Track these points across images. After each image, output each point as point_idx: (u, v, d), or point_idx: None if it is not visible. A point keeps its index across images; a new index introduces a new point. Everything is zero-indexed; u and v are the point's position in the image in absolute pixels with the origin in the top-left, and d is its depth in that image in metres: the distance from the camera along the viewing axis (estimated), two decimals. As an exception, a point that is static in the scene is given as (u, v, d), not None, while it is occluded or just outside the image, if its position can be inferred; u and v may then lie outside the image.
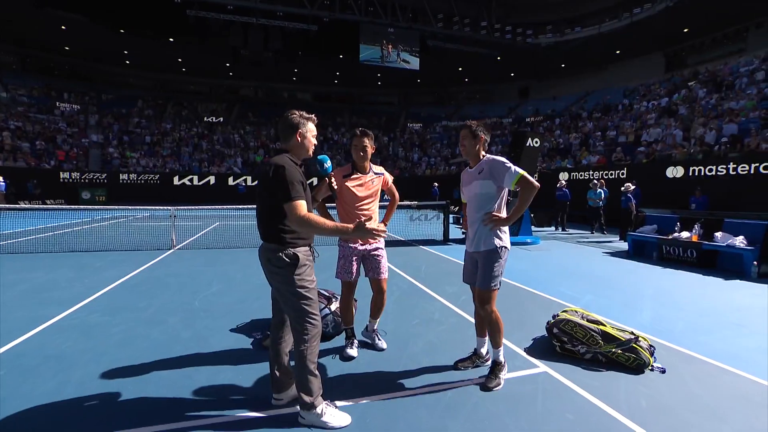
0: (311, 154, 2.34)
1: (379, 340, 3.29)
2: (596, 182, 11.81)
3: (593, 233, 11.67)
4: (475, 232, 2.73)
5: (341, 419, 2.26)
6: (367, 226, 2.14)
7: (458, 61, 31.13)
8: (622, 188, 10.37)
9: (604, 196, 11.60)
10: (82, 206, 10.48)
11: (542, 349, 3.25)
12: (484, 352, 2.96)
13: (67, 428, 2.23)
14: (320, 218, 2.09)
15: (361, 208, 3.00)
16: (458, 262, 7.11)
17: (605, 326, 3.12)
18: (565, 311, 3.45)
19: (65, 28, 25.39)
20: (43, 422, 2.28)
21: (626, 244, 8.60)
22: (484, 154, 2.76)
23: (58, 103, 28.79)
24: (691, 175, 11.80)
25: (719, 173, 11.09)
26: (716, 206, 10.28)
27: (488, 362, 2.98)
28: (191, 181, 25.75)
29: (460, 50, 28.56)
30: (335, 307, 3.60)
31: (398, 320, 3.93)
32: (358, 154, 3.00)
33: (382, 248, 3.14)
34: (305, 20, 25.75)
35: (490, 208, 2.67)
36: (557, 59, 29.20)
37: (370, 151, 3.02)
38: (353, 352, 3.13)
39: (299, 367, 2.23)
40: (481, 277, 2.67)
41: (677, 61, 25.61)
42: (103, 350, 3.21)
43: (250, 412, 2.38)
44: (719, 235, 6.48)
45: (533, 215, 11.87)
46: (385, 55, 28.34)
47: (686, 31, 23.52)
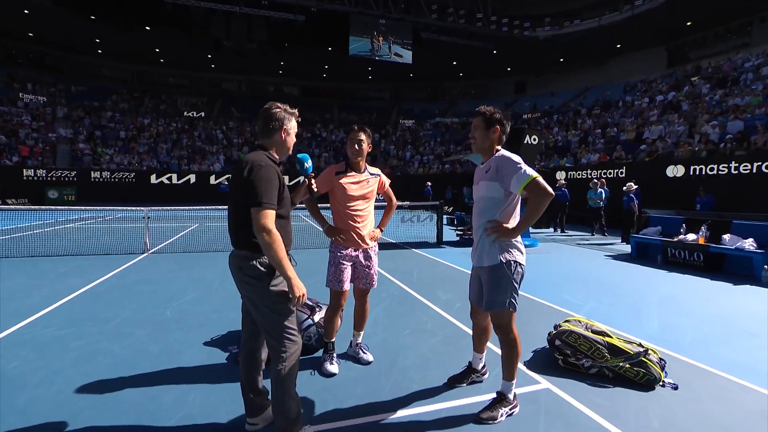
0: (290, 152, 2.25)
1: (364, 353, 3.20)
2: (596, 181, 11.83)
3: (594, 235, 11.70)
4: (477, 242, 2.49)
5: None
6: (297, 289, 1.99)
7: (453, 54, 31.20)
8: (623, 188, 10.38)
9: (604, 196, 11.62)
10: (47, 207, 10.16)
11: (543, 362, 3.16)
12: (479, 366, 2.85)
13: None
14: (281, 242, 1.96)
15: (354, 209, 2.93)
16: (452, 266, 7.04)
17: (611, 338, 3.02)
18: (567, 321, 3.36)
19: (28, 12, 24.73)
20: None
21: (629, 246, 8.63)
22: (498, 148, 2.44)
23: (21, 94, 28.07)
24: (692, 174, 11.87)
25: (721, 172, 11.16)
26: (719, 206, 10.33)
27: (485, 376, 2.87)
28: (170, 179, 25.37)
29: (454, 43, 28.62)
30: (319, 317, 3.47)
31: (388, 330, 3.84)
32: (353, 148, 2.92)
33: (374, 256, 3.06)
34: (292, 9, 25.54)
35: (493, 215, 2.39)
36: (555, 53, 29.41)
37: (366, 147, 2.93)
38: (334, 368, 3.01)
39: (276, 388, 2.11)
40: (486, 296, 2.42)
41: (680, 55, 25.90)
42: (57, 369, 3.02)
43: (220, 439, 2.22)
44: (727, 237, 6.47)
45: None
46: (375, 48, 28.25)
47: (689, 24, 23.81)
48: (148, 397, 2.63)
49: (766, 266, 5.85)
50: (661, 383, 2.81)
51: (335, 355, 3.08)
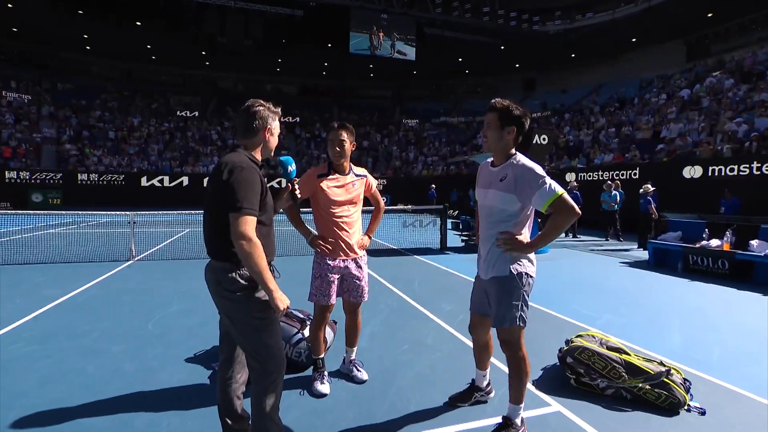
0: (272, 154, 2.17)
1: (358, 371, 3.11)
2: (610, 183, 11.75)
3: (608, 240, 11.61)
4: (487, 252, 2.35)
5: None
6: (279, 302, 1.90)
7: (458, 50, 31.17)
8: (641, 190, 10.25)
9: (619, 198, 11.52)
10: (30, 210, 10.10)
11: (554, 382, 3.05)
12: (484, 384, 2.76)
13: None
14: (261, 252, 1.87)
15: (339, 215, 2.84)
16: (457, 274, 6.96)
17: (629, 355, 2.89)
18: (580, 336, 3.25)
19: (12, 6, 24.77)
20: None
21: (646, 252, 8.52)
22: (514, 151, 2.29)
23: (4, 92, 28.15)
24: (710, 175, 11.71)
25: (742, 173, 10.98)
26: (744, 210, 10.16)
27: (490, 395, 2.78)
28: (161, 182, 25.40)
29: (460, 39, 28.59)
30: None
31: (385, 345, 3.76)
32: (334, 150, 2.83)
33: (364, 266, 2.99)
34: (289, 4, 25.61)
35: (505, 227, 2.28)
36: (566, 48, 29.30)
37: (348, 147, 2.83)
38: (324, 388, 2.91)
39: (256, 413, 2.01)
40: (494, 312, 2.31)
41: (700, 49, 25.59)
42: (20, 390, 2.90)
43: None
44: (755, 243, 6.32)
45: (540, 220, 11.75)
46: (376, 44, 28.27)
47: (710, 16, 23.52)
48: (118, 422, 2.52)
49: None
50: (686, 407, 2.69)
51: (326, 373, 2.99)
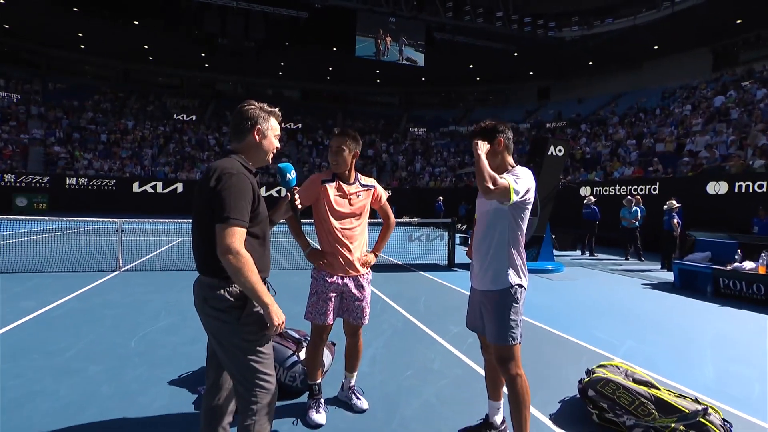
0: (270, 160, 2.08)
1: (358, 398, 3.02)
2: (630, 198, 11.65)
3: (628, 259, 11.52)
4: (481, 262, 2.44)
5: None
6: (276, 316, 1.85)
7: (469, 57, 31.41)
8: (664, 206, 10.13)
9: (640, 214, 11.41)
10: (12, 216, 10.10)
11: (574, 416, 2.92)
12: (498, 420, 2.64)
13: None
14: (251, 264, 1.79)
15: (340, 227, 2.77)
16: (465, 292, 6.86)
17: (659, 390, 2.75)
18: (602, 366, 3.12)
19: (3, 2, 25.18)
20: None
21: (671, 274, 8.38)
22: (513, 164, 2.45)
23: (-8, 90, 28.58)
24: (737, 191, 11.57)
25: (773, 190, 10.85)
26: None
27: (505, 435, 2.66)
28: (154, 188, 25.54)
29: (471, 44, 28.82)
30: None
31: (387, 370, 3.66)
32: (332, 159, 2.78)
33: (367, 286, 2.91)
34: (294, 6, 25.92)
35: (501, 228, 2.38)
36: (584, 56, 29.45)
37: (348, 156, 2.78)
38: (320, 417, 2.80)
39: None
40: (492, 327, 2.36)
41: (728, 57, 25.53)
42: (-17, 414, 2.80)
43: None
44: (794, 267, 6.17)
45: (554, 237, 11.63)
46: (382, 50, 28.48)
47: (739, 22, 23.44)
48: (90, 451, 2.40)
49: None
50: (724, 452, 2.52)
51: (323, 400, 2.90)
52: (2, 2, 25.00)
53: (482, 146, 2.34)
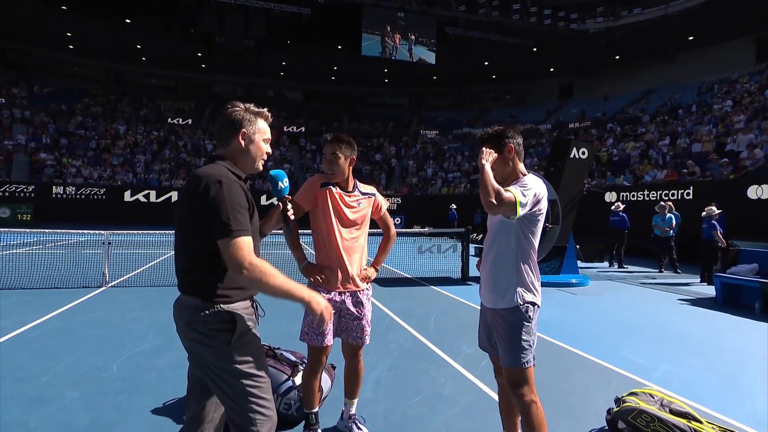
0: (260, 166, 2.03)
1: (359, 429, 2.97)
2: (663, 205, 11.53)
3: (662, 271, 11.42)
4: (486, 276, 2.46)
5: None
6: (317, 305, 1.89)
7: (484, 53, 31.48)
8: (703, 213, 9.98)
9: (675, 222, 11.27)
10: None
11: (602, 451, 2.83)
12: None
13: None
14: (271, 267, 1.79)
15: (339, 239, 2.79)
16: (478, 308, 6.68)
17: (701, 423, 2.64)
18: (634, 393, 3.03)
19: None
20: None
21: (712, 288, 8.29)
22: (524, 172, 2.48)
23: (-28, 94, 29.09)
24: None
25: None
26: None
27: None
28: (147, 197, 25.80)
29: (486, 40, 28.89)
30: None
31: (393, 396, 3.62)
32: (325, 165, 2.82)
33: (366, 302, 2.91)
34: (296, 2, 26.22)
35: (506, 241, 2.40)
36: (610, 49, 29.34)
37: (344, 163, 2.80)
38: None
39: None
40: (503, 349, 2.37)
41: (773, 48, 25.09)
42: (-54, 445, 2.76)
43: None
44: None
45: (579, 247, 11.51)
46: (389, 49, 28.62)
47: (787, 8, 23.06)
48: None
49: None
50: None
51: (320, 430, 2.89)
52: None
53: (487, 155, 2.34)
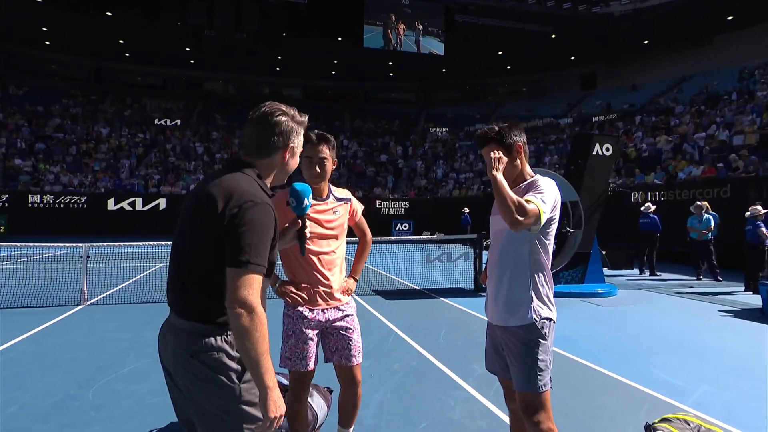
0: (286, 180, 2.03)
1: None
2: (700, 204, 11.39)
3: (700, 279, 11.30)
4: (496, 289, 2.44)
5: None
6: (274, 406, 1.67)
7: (497, 42, 31.46)
8: (747, 213, 9.87)
9: (713, 223, 11.15)
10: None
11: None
12: None
13: None
14: (265, 331, 1.67)
15: (317, 252, 2.76)
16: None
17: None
18: (667, 419, 2.96)
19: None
20: None
21: (758, 297, 8.16)
22: (532, 173, 2.49)
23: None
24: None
25: None
26: None
27: None
28: (132, 205, 25.94)
29: (499, 27, 28.89)
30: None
31: (397, 422, 3.61)
32: (312, 170, 2.75)
33: (352, 315, 2.90)
34: (291, -11, 26.35)
35: (519, 251, 2.37)
36: (637, 33, 29.24)
37: (330, 166, 2.80)
38: None
39: None
40: (516, 372, 2.34)
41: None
42: None
43: None
44: None
45: (605, 253, 11.39)
46: (393, 41, 28.62)
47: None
48: None
49: None
50: None
51: None
52: None
53: (498, 163, 2.30)
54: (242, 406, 1.71)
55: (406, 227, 26.61)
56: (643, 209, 12.49)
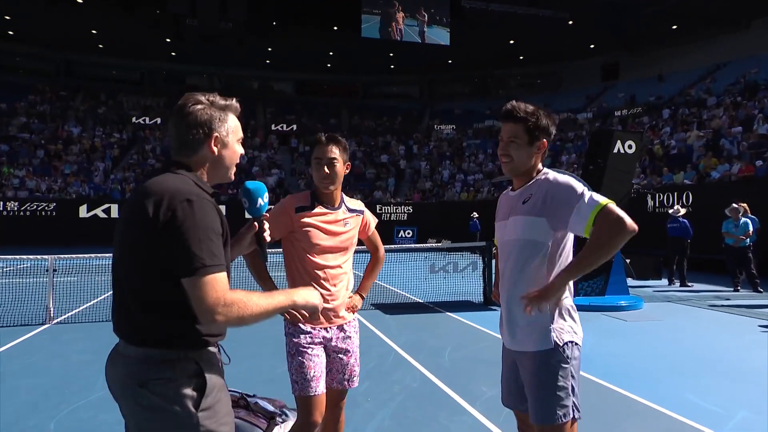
0: (233, 175, 1.95)
1: None
2: (737, 207, 11.34)
3: (738, 290, 11.26)
4: (509, 309, 2.36)
5: None
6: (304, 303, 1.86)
7: (509, 30, 31.56)
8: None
9: (751, 228, 11.13)
10: None
11: None
12: None
13: None
14: (247, 295, 1.70)
15: (323, 266, 2.79)
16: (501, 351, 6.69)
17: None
18: None
19: None
20: None
21: None
22: (541, 167, 2.42)
23: None
24: None
25: None
26: None
27: None
28: (107, 212, 25.96)
29: (511, 14, 29.01)
30: (284, 432, 3.18)
31: None
32: (321, 172, 2.78)
33: (354, 337, 2.94)
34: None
35: (538, 264, 2.28)
36: (664, 18, 29.26)
37: (341, 169, 2.84)
38: None
39: None
40: (532, 400, 2.27)
41: None
42: None
43: None
44: None
45: (629, 261, 11.33)
46: (392, 29, 28.66)
47: None
48: None
49: None
50: None
51: None
52: None
53: (544, 291, 2.20)
54: None
55: (409, 234, 26.59)
56: (671, 212, 12.47)
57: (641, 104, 29.72)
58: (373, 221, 3.10)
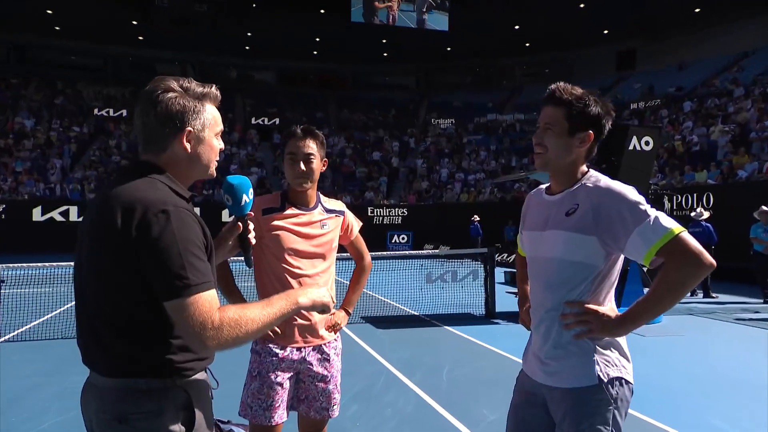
0: (214, 171, 1.89)
1: None
2: (766, 210, 11.39)
3: (766, 302, 11.31)
4: (543, 338, 2.16)
5: None
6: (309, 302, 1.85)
7: (513, 14, 31.74)
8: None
9: (783, 233, 11.15)
10: None
11: None
12: None
13: None
14: (241, 310, 1.66)
15: (297, 274, 2.76)
16: (508, 356, 6.88)
17: None
18: None
19: None
20: None
21: None
22: (585, 169, 2.22)
23: None
24: None
25: None
26: None
27: None
28: (65, 215, 25.87)
29: (516, -4, 29.08)
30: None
31: None
32: (295, 169, 2.74)
33: (338, 356, 2.89)
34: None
35: (576, 291, 2.09)
36: (685, 1, 29.42)
37: (318, 165, 2.80)
38: None
39: None
40: None
41: None
42: None
43: None
44: None
45: (646, 270, 11.35)
46: (390, 14, 28.76)
47: None
48: None
49: None
50: None
51: None
52: None
53: (603, 320, 2.04)
54: None
55: (403, 240, 26.65)
56: (694, 216, 12.50)
57: (660, 96, 29.90)
58: (356, 224, 3.06)
